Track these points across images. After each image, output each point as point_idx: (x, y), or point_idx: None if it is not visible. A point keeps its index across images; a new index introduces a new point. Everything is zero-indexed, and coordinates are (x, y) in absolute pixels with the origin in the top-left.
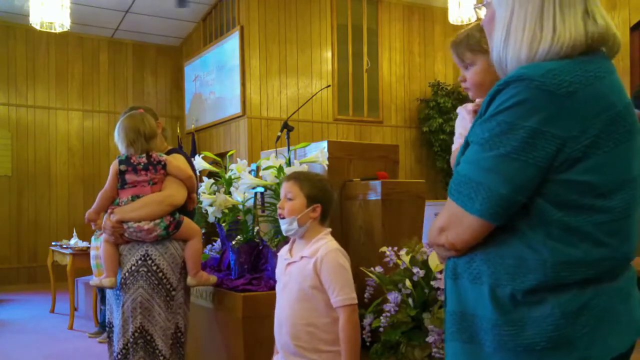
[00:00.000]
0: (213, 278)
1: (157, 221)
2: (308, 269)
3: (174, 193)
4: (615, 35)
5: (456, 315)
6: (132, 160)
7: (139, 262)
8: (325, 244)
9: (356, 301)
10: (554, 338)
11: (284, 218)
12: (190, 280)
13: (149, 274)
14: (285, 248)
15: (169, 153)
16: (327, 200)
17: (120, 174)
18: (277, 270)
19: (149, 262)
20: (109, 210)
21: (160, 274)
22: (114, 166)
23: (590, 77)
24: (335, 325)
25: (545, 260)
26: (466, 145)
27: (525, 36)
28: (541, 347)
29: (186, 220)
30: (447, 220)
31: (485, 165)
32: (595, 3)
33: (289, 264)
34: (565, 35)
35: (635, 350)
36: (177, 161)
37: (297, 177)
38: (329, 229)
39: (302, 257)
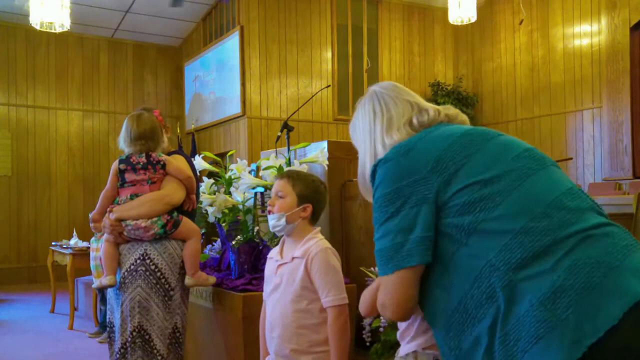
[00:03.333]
0: (212, 278)
1: (155, 219)
2: (300, 269)
3: (171, 192)
4: (447, 115)
5: None
6: (131, 160)
7: (138, 261)
8: (315, 243)
9: (346, 301)
10: (541, 329)
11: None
12: (188, 280)
13: (147, 273)
14: (275, 249)
15: (170, 154)
16: (319, 201)
17: (120, 173)
18: (266, 272)
19: (148, 261)
20: (108, 209)
21: (159, 274)
22: (114, 166)
23: (422, 136)
24: (325, 325)
25: (490, 260)
26: None
27: (369, 154)
28: (535, 341)
29: (185, 220)
30: (381, 295)
31: (379, 234)
32: (424, 104)
33: (279, 265)
34: (403, 134)
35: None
36: (177, 162)
37: (289, 175)
38: (319, 228)
39: (293, 258)
